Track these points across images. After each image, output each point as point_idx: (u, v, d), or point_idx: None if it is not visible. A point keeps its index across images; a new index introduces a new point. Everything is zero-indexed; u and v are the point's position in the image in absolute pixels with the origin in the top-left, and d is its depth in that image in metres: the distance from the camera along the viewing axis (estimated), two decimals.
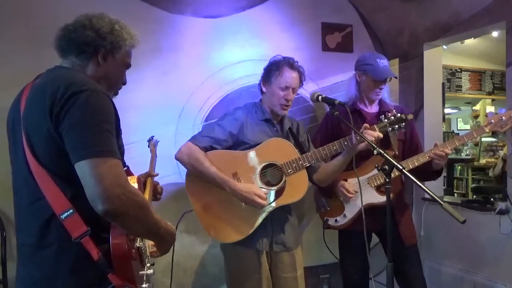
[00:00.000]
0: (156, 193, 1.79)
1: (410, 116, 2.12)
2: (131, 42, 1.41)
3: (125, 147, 1.43)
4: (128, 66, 1.47)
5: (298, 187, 2.11)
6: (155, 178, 1.83)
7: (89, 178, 1.13)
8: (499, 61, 5.80)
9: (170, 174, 2.54)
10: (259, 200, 2.02)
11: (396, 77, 2.47)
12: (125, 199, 1.14)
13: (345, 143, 2.07)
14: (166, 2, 2.61)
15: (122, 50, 1.39)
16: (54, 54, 1.40)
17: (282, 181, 2.10)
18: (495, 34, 3.77)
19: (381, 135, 2.03)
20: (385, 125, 2.09)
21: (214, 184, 2.06)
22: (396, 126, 2.09)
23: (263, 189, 2.09)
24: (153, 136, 2.14)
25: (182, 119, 2.66)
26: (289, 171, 2.10)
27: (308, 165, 2.12)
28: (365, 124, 2.06)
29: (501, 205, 2.77)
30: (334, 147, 2.10)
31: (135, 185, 1.38)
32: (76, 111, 1.17)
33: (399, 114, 2.10)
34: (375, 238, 2.60)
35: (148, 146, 2.09)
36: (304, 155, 2.13)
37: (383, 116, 2.12)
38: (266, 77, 2.20)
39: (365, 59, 2.46)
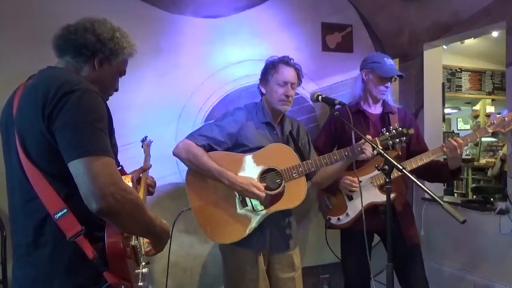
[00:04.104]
0: (149, 186, 1.78)
1: (411, 131, 2.14)
2: (129, 51, 1.42)
3: (125, 146, 1.43)
4: (122, 73, 1.47)
5: (296, 193, 2.12)
6: (150, 173, 1.82)
7: (82, 176, 1.13)
8: (499, 61, 5.80)
9: (169, 174, 2.55)
10: (257, 191, 2.03)
11: (402, 76, 2.48)
12: (119, 197, 1.14)
13: (346, 153, 2.09)
14: (166, 2, 2.61)
15: (119, 58, 1.39)
16: (53, 55, 1.40)
17: (281, 187, 2.10)
18: (495, 34, 3.77)
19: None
20: (386, 138, 2.11)
21: (213, 177, 2.06)
22: (397, 140, 2.10)
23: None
24: (147, 137, 2.15)
25: (182, 119, 2.66)
26: (288, 177, 2.10)
27: (307, 172, 2.13)
28: (368, 136, 2.06)
29: (501, 205, 2.77)
30: (335, 157, 2.11)
31: (130, 184, 1.38)
32: (68, 110, 1.17)
33: (400, 128, 2.11)
34: (378, 238, 2.59)
35: (142, 147, 2.10)
36: (304, 162, 2.13)
37: (384, 129, 2.14)
38: (264, 78, 2.21)
39: (373, 57, 2.49)
